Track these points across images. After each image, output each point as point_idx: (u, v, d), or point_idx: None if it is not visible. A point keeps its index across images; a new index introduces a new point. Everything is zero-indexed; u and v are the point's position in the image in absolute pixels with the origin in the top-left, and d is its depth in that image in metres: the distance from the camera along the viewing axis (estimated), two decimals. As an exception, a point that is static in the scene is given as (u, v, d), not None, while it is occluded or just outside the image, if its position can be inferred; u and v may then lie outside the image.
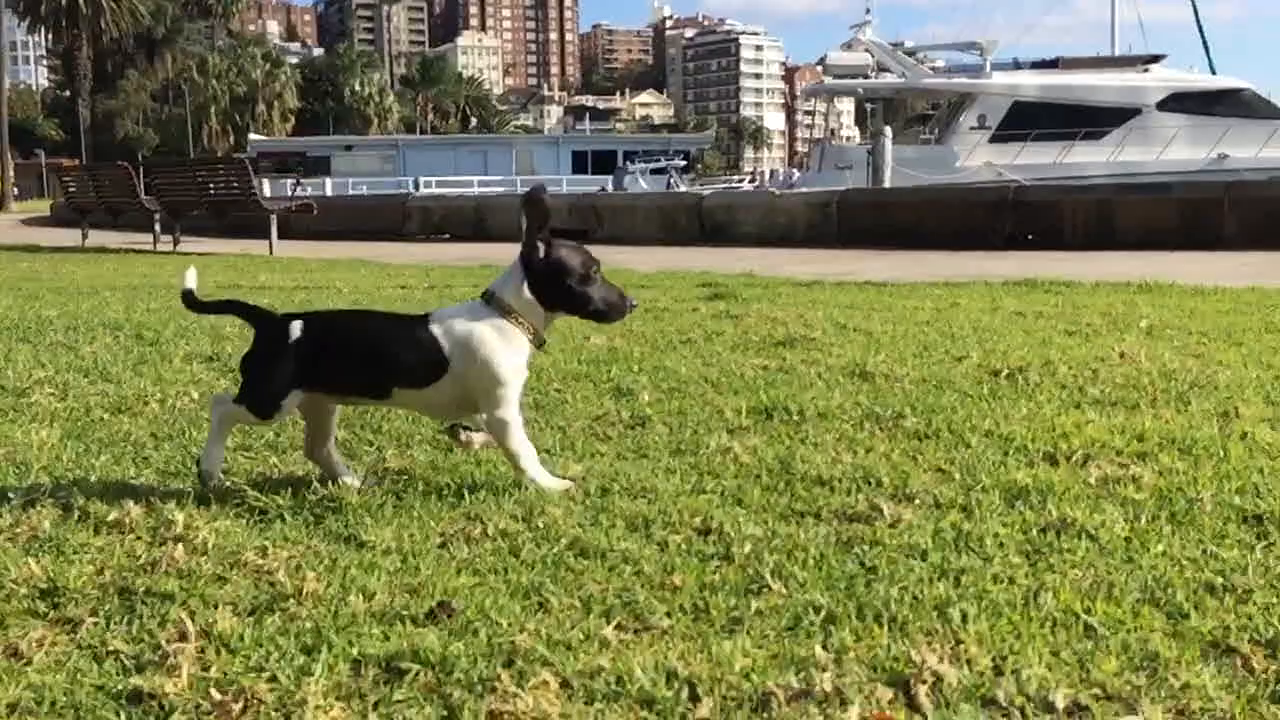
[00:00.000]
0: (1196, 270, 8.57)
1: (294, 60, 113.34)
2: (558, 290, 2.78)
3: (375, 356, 2.84)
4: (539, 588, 2.10)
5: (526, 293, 2.77)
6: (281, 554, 2.31)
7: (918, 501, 2.62)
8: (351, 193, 37.11)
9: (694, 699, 1.61)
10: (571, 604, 2.02)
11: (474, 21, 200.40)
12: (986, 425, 3.38)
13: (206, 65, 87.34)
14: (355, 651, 1.81)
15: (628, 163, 48.08)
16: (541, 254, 2.75)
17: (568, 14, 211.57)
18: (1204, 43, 40.43)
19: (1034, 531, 2.39)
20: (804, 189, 26.93)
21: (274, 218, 15.13)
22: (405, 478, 2.94)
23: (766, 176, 59.47)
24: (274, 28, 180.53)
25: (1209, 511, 2.49)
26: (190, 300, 3.03)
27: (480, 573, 2.20)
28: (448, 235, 18.71)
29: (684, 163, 51.75)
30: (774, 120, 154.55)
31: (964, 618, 1.89)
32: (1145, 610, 1.94)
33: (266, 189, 22.36)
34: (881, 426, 3.43)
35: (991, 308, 6.87)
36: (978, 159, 32.95)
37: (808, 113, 42.82)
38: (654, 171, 47.60)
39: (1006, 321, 6.18)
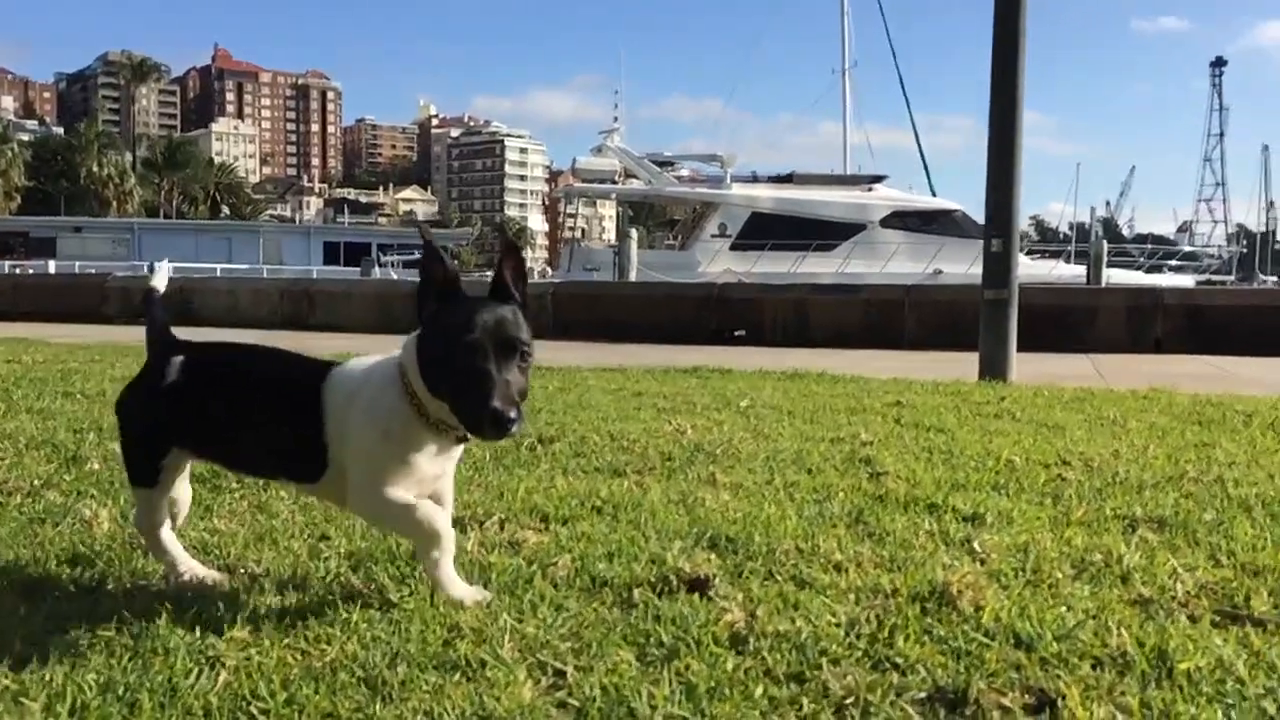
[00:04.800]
0: (872, 365, 8.80)
1: (27, 137, 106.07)
2: (425, 366, 1.96)
3: (244, 430, 2.13)
4: None
5: (415, 360, 2.01)
6: None
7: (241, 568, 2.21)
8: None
9: None
10: None
11: (230, 108, 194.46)
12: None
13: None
14: None
15: (380, 254, 47.23)
16: (426, 311, 2.00)
17: (330, 106, 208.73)
18: (925, 167, 43.82)
19: (314, 596, 2.01)
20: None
21: (-77, 292, 13.60)
22: None
23: (522, 275, 59.72)
24: (9, 103, 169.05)
25: (557, 577, 2.21)
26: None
27: None
28: (152, 317, 17.41)
29: (438, 257, 51.31)
30: (537, 221, 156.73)
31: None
32: (344, 679, 1.58)
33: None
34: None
35: (616, 389, 6.71)
36: (719, 265, 33.92)
37: (570, 215, 43.24)
38: (407, 265, 46.88)
39: (614, 400, 6.01)
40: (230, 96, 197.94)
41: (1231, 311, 13.18)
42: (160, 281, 2.49)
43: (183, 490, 2.35)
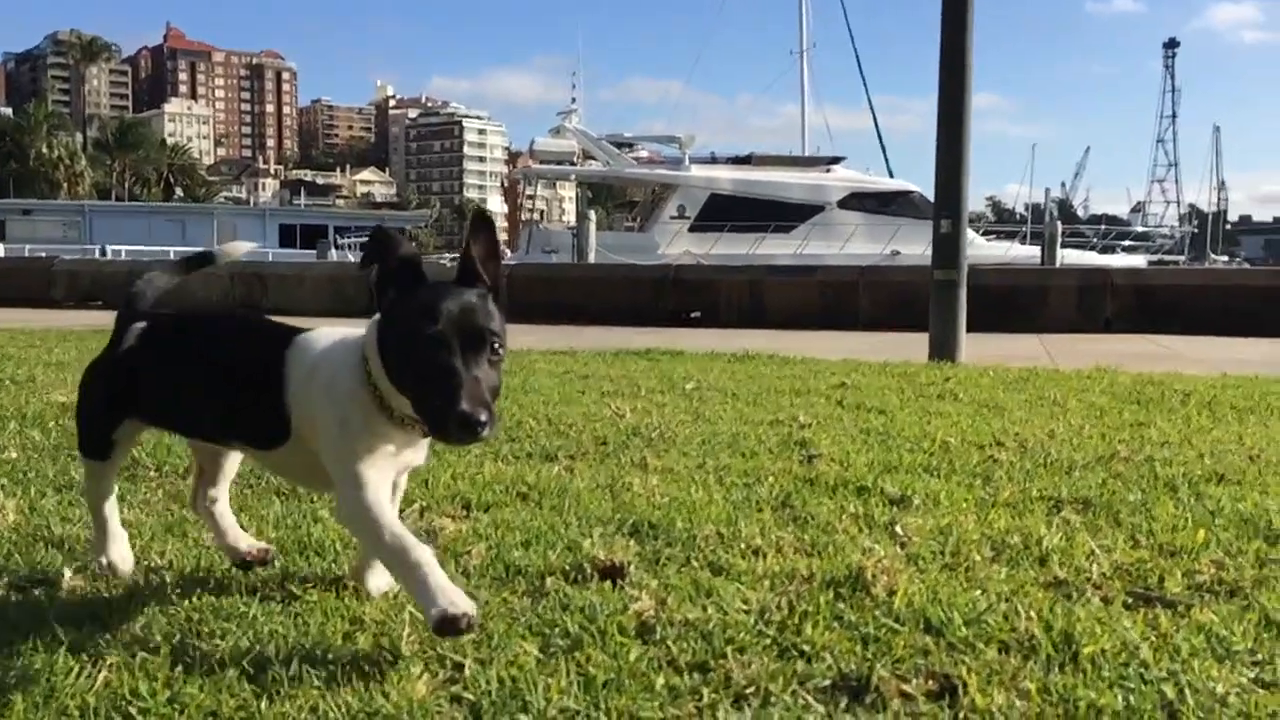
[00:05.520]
0: (825, 346, 8.80)
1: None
2: (386, 359, 1.78)
3: (203, 393, 2.00)
4: None
5: (377, 348, 1.82)
6: None
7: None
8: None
9: None
10: None
11: (183, 89, 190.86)
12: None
13: None
14: None
15: (338, 236, 46.84)
16: (385, 300, 1.80)
17: (286, 87, 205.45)
18: (883, 148, 43.99)
19: (215, 589, 1.96)
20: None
21: None
22: None
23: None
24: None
25: (470, 566, 2.20)
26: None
27: None
28: (100, 303, 17.13)
29: (396, 240, 50.89)
30: (496, 203, 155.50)
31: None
32: (232, 676, 1.53)
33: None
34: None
35: (563, 372, 6.67)
36: (678, 247, 33.77)
37: (529, 196, 42.93)
38: (363, 247, 46.46)
39: (559, 383, 5.97)
40: (183, 77, 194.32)
41: (1179, 291, 13.35)
42: (232, 253, 2.39)
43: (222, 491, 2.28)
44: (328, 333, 1.97)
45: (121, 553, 2.19)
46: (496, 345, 1.74)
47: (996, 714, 1.55)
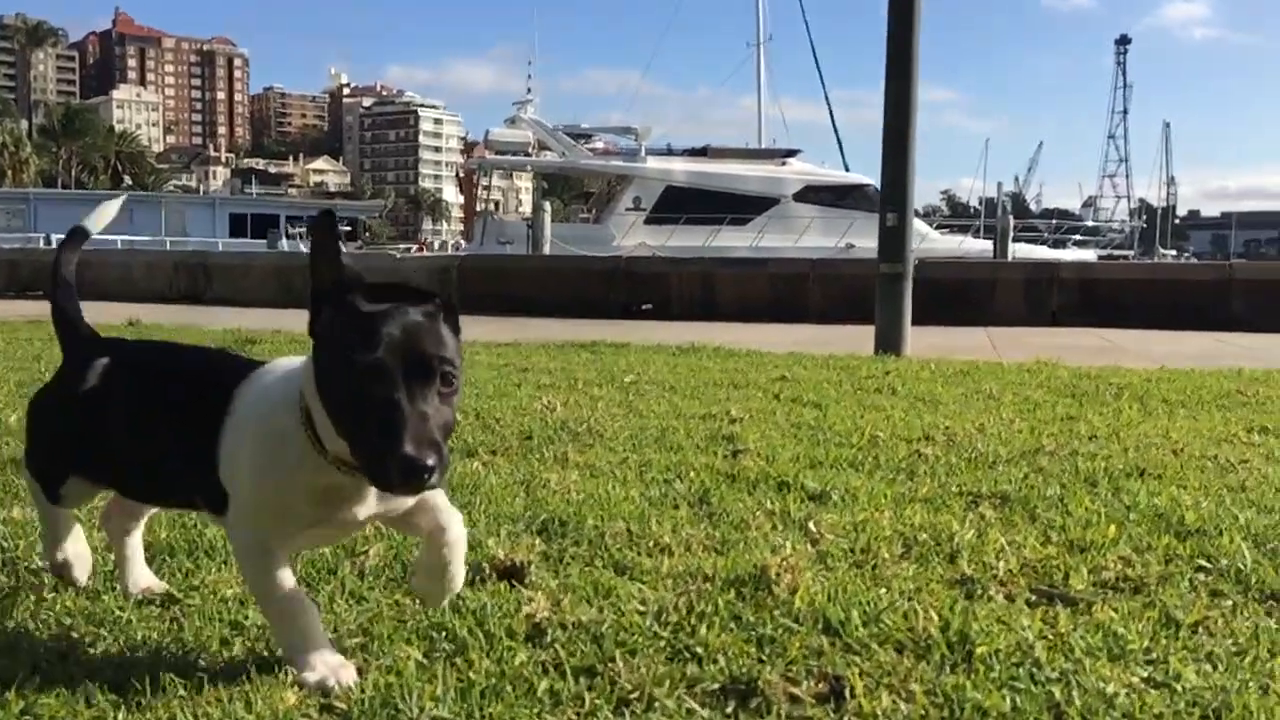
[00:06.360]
0: (775, 338, 8.79)
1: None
2: (320, 391, 1.51)
3: (139, 448, 1.72)
4: None
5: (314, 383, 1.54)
6: None
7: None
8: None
9: None
10: None
11: (132, 75, 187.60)
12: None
13: None
14: None
15: (289, 225, 46.45)
16: (319, 323, 1.54)
17: (237, 74, 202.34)
18: (838, 141, 44.16)
19: (92, 593, 1.88)
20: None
21: None
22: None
23: (435, 247, 59.26)
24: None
25: (366, 567, 2.13)
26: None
27: None
28: (40, 292, 16.82)
29: (349, 229, 50.50)
30: (453, 193, 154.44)
31: None
32: (93, 684, 1.46)
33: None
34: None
35: (503, 365, 6.60)
36: (633, 239, 33.70)
37: (484, 187, 42.67)
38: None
39: (496, 376, 5.91)
40: (132, 63, 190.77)
41: (1124, 285, 13.50)
42: (101, 220, 2.15)
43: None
44: (281, 364, 1.70)
45: (78, 550, 1.96)
46: (449, 374, 1.48)
47: (881, 716, 1.51)
